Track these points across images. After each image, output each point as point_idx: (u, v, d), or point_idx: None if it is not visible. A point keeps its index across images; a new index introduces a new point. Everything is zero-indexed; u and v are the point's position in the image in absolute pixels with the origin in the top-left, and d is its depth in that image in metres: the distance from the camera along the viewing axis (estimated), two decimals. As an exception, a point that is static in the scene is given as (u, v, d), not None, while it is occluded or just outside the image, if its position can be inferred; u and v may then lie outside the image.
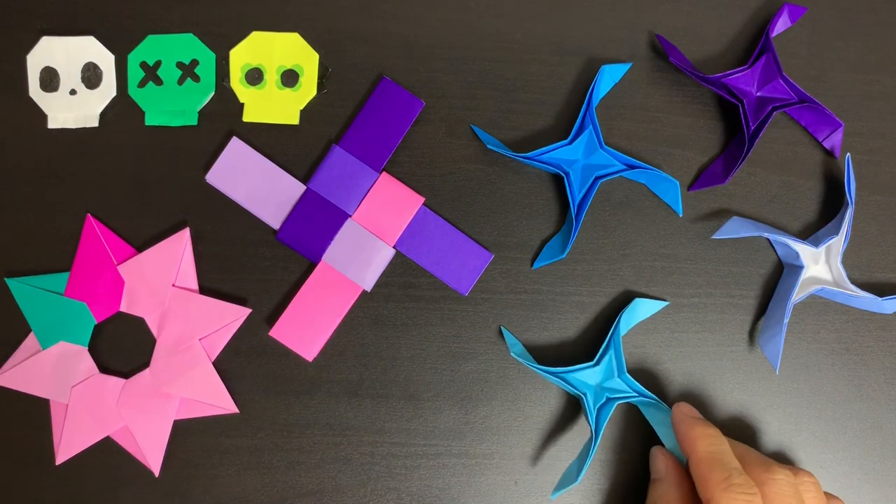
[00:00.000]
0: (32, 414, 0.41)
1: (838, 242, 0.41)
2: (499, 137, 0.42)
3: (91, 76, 0.42)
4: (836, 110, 0.42)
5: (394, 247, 0.42)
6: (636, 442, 0.42)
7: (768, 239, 0.42)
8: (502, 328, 0.42)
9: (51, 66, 0.42)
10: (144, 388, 0.40)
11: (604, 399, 0.40)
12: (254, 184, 0.42)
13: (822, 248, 0.41)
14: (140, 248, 0.42)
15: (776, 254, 0.43)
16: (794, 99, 0.42)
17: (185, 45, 0.42)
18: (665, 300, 0.42)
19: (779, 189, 0.43)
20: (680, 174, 0.43)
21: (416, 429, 0.41)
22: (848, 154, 0.41)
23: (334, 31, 0.43)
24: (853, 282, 0.42)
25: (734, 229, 0.40)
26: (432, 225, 0.42)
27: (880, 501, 0.42)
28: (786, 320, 0.40)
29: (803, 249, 0.41)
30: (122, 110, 0.42)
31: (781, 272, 0.43)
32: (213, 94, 0.42)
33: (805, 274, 0.41)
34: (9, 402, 0.41)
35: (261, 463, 0.41)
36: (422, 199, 0.42)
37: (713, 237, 0.42)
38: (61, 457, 0.40)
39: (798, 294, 0.41)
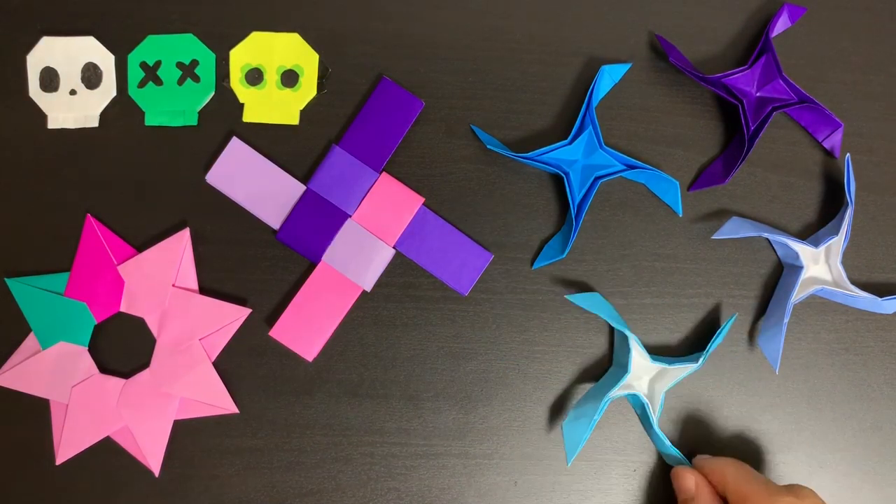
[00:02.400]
0: (32, 414, 0.41)
1: (838, 243, 0.41)
2: (499, 137, 0.42)
3: (91, 76, 0.42)
4: (836, 110, 0.42)
5: (394, 247, 0.42)
6: (637, 442, 0.42)
7: (768, 239, 0.42)
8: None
9: (51, 66, 0.42)
10: (144, 388, 0.40)
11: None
12: (254, 184, 0.42)
13: (822, 248, 0.41)
14: (140, 248, 0.42)
15: (776, 254, 0.43)
16: (794, 99, 0.42)
17: (185, 45, 0.42)
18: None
19: (779, 189, 0.43)
20: (680, 174, 0.43)
21: (416, 429, 0.41)
22: (848, 154, 0.41)
23: (334, 31, 0.43)
24: (853, 282, 0.42)
25: (734, 229, 0.40)
26: (432, 225, 0.42)
27: (880, 501, 0.42)
28: (785, 320, 0.40)
29: (803, 249, 0.41)
30: (122, 110, 0.42)
31: (781, 272, 0.43)
32: (213, 94, 0.42)
33: (805, 274, 0.41)
34: (9, 402, 0.41)
35: (261, 463, 0.41)
36: (422, 200, 0.42)
37: (713, 237, 0.42)
38: (61, 457, 0.40)
39: (798, 294, 0.41)
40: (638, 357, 0.40)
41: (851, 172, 0.41)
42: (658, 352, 0.42)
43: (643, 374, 0.40)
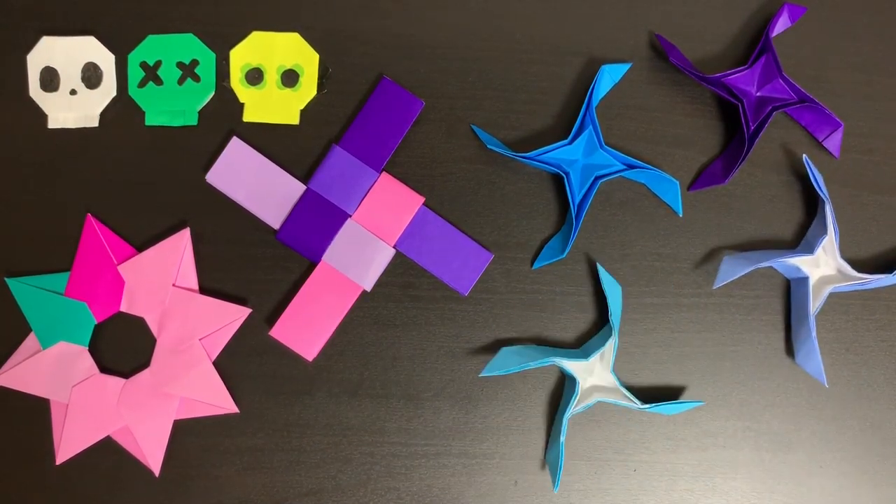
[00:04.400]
0: (32, 414, 0.41)
1: (830, 240, 0.41)
2: (499, 137, 0.42)
3: (91, 76, 0.42)
4: (836, 110, 0.42)
5: (394, 247, 0.42)
6: (637, 442, 0.42)
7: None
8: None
9: (51, 66, 0.42)
10: (144, 388, 0.40)
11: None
12: (254, 184, 0.42)
13: (818, 251, 0.41)
14: (140, 248, 0.42)
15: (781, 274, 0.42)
16: (794, 99, 0.42)
17: (185, 45, 0.42)
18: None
19: (779, 189, 0.43)
20: (680, 174, 0.43)
21: (416, 429, 0.41)
22: (804, 155, 0.41)
23: (334, 31, 0.43)
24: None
25: (731, 271, 0.40)
26: (432, 225, 0.42)
27: (880, 501, 0.42)
28: (813, 334, 0.40)
29: (801, 261, 0.41)
30: (122, 110, 0.42)
31: (783, 275, 0.43)
32: (213, 94, 0.42)
33: (812, 281, 0.41)
34: (9, 402, 0.41)
35: (261, 463, 0.41)
36: (422, 199, 0.42)
37: (714, 287, 0.41)
38: (61, 457, 0.40)
39: (815, 304, 0.41)
40: (571, 365, 0.40)
41: (815, 171, 0.41)
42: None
43: (587, 374, 0.40)
